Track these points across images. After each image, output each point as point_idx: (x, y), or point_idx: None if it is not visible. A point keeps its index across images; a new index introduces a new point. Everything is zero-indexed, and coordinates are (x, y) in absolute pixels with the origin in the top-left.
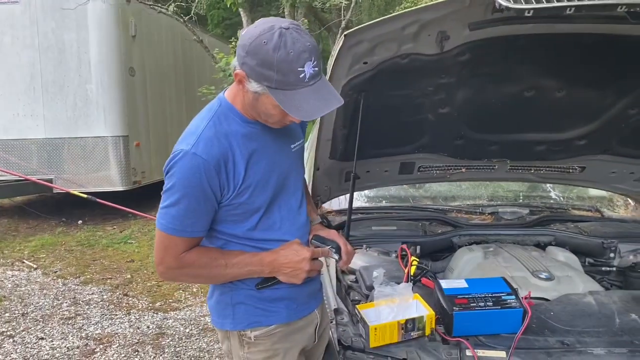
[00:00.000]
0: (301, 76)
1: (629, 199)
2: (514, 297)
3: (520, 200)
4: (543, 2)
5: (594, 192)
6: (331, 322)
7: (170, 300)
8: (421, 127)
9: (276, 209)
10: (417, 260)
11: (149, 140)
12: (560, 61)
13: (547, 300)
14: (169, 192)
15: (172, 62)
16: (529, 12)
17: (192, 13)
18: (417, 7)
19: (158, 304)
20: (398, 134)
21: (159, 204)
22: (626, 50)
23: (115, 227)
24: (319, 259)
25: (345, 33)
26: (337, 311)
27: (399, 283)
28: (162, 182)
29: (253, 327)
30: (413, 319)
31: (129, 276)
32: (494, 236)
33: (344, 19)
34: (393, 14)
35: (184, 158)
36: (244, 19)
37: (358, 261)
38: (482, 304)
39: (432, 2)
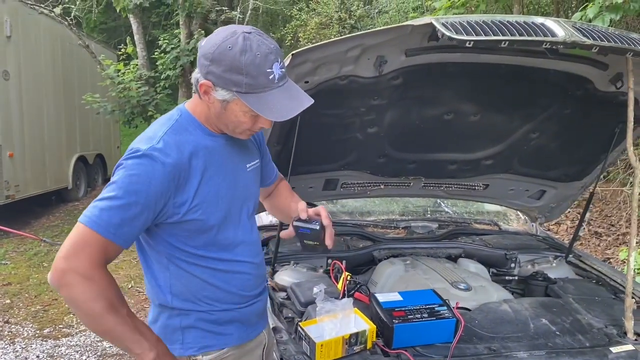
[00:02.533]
0: (270, 77)
1: (519, 213)
2: (445, 308)
3: (429, 215)
4: (482, 35)
5: (489, 206)
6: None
7: (61, 326)
8: (349, 145)
9: (231, 228)
10: (350, 275)
11: (23, 151)
12: (479, 88)
13: (468, 309)
14: (110, 187)
15: (51, 67)
16: (469, 43)
17: (72, 15)
18: (362, 32)
19: (46, 330)
20: (327, 151)
21: (34, 221)
22: (534, 80)
23: None
24: None
25: (292, 53)
26: (275, 330)
27: (335, 298)
28: (38, 197)
29: (205, 352)
30: (356, 334)
31: (8, 301)
32: (409, 249)
33: None
34: (339, 38)
35: (139, 158)
36: (134, 26)
37: (287, 278)
38: (418, 315)
39: (376, 28)
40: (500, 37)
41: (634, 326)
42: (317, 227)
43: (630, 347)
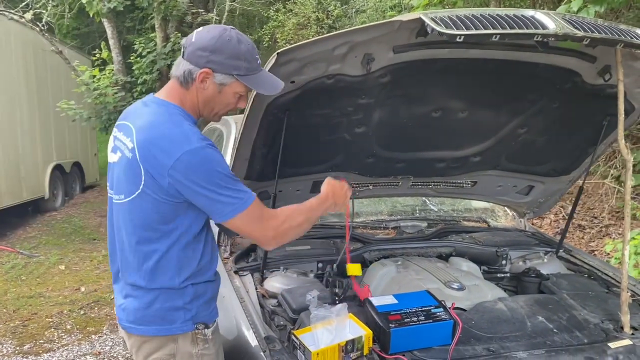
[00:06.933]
0: (258, 62)
1: (507, 209)
2: (442, 309)
3: (417, 214)
4: (473, 29)
5: (476, 203)
6: (264, 351)
7: (41, 341)
8: (337, 146)
9: None
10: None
11: None
12: (467, 84)
13: (463, 310)
14: (221, 176)
15: (24, 74)
16: (460, 38)
17: (43, 21)
18: (349, 29)
19: (27, 346)
20: (315, 153)
21: (10, 233)
22: (522, 75)
23: None
24: None
25: (278, 52)
26: (268, 339)
27: (329, 304)
28: (13, 208)
29: (212, 322)
30: (352, 340)
31: None
32: (400, 250)
33: None
34: (326, 35)
35: (205, 149)
36: (108, 30)
37: (277, 284)
38: (415, 318)
39: (364, 25)
40: (491, 31)
41: (630, 320)
42: None
43: (627, 341)
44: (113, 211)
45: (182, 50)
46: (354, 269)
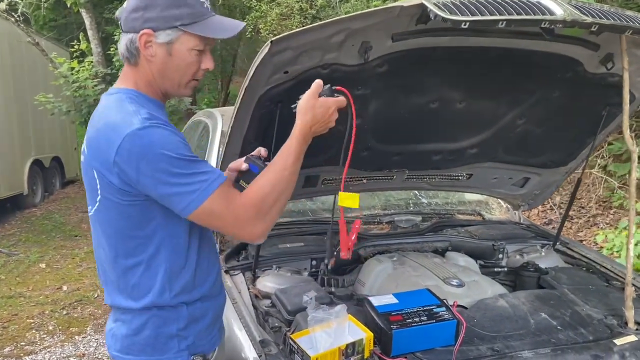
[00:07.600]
0: (205, 6)
1: (501, 201)
2: (444, 308)
3: (411, 208)
4: (478, 15)
5: (469, 196)
6: (259, 356)
7: (22, 343)
8: (331, 139)
9: None
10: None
11: None
12: (465, 73)
13: (464, 307)
14: (170, 159)
15: None
16: (465, 24)
17: (19, 12)
18: (347, 15)
19: (7, 349)
20: (308, 147)
21: None
22: (523, 64)
23: None
24: None
25: (272, 40)
26: (263, 343)
27: (327, 305)
28: None
29: (211, 351)
30: (353, 343)
31: None
32: (395, 245)
33: None
34: (323, 22)
35: (148, 129)
36: (87, 21)
37: (270, 284)
38: (417, 319)
39: (362, 11)
40: (498, 17)
41: (634, 315)
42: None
43: (633, 337)
44: (92, 227)
45: (119, 24)
46: (347, 198)
